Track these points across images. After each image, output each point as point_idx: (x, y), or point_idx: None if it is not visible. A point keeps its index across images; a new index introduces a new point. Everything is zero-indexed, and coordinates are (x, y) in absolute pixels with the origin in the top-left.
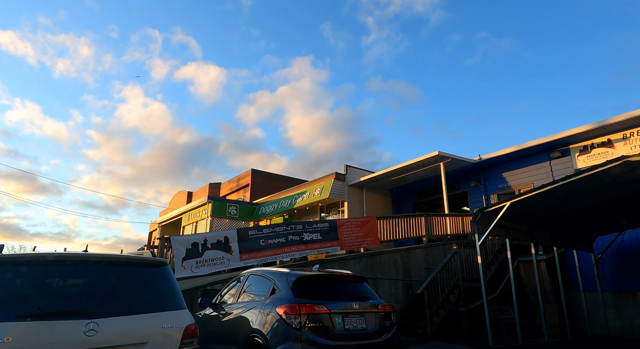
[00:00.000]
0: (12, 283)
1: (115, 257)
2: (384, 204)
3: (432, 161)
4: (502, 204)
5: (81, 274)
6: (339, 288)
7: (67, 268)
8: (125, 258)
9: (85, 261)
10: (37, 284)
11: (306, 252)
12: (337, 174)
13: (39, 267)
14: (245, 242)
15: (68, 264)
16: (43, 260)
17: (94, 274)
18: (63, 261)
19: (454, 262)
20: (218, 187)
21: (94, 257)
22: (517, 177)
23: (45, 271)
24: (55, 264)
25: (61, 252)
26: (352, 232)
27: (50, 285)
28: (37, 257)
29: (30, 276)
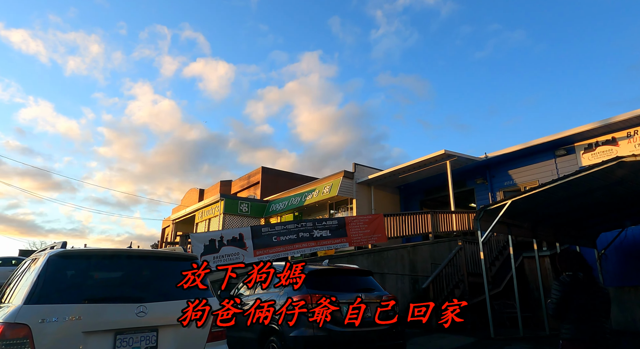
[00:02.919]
0: (80, 272)
1: (158, 252)
2: (391, 201)
3: (439, 159)
4: (503, 203)
5: (132, 266)
6: (347, 280)
7: (121, 261)
8: (165, 253)
9: (135, 256)
10: (101, 273)
11: (316, 248)
12: (345, 172)
13: (100, 260)
14: (258, 239)
15: (122, 258)
16: (103, 254)
17: (142, 266)
18: (118, 255)
19: (458, 258)
20: (229, 185)
21: (141, 252)
22: (522, 174)
23: (105, 263)
24: (112, 258)
25: (116, 248)
26: (360, 229)
27: (109, 275)
28: (99, 252)
29: (93, 267)
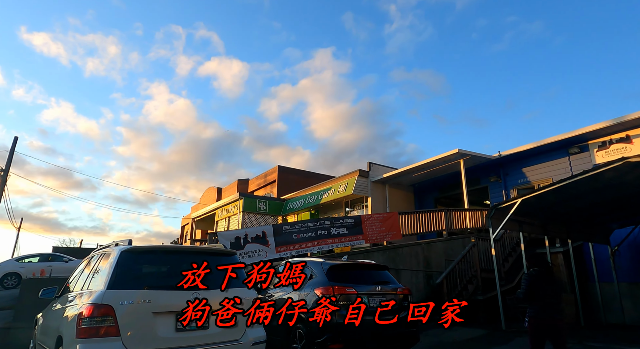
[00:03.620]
0: (145, 264)
1: (205, 248)
2: (406, 199)
3: (452, 158)
4: (514, 201)
5: (185, 259)
6: (365, 274)
7: (176, 255)
8: (212, 249)
9: (187, 251)
10: (162, 265)
11: (334, 245)
12: (360, 171)
13: (160, 254)
14: (280, 237)
15: (177, 252)
16: (162, 250)
17: (195, 260)
18: (174, 250)
19: (472, 254)
20: (246, 183)
21: (192, 248)
22: (536, 172)
23: (164, 257)
24: (169, 253)
25: (172, 245)
26: (376, 226)
27: (170, 266)
28: (159, 248)
29: (155, 260)
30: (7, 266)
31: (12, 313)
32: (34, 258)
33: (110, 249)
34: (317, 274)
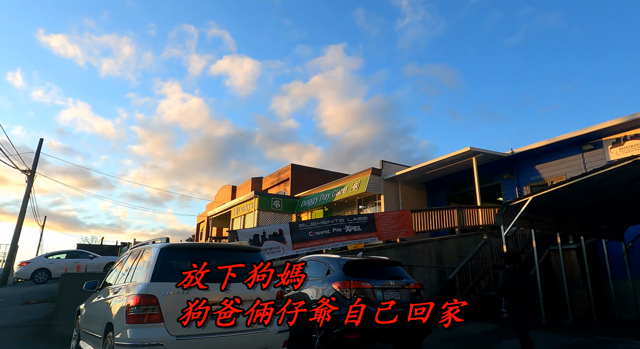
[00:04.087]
0: (182, 259)
1: (233, 246)
2: (418, 196)
3: (465, 156)
4: (524, 199)
5: (217, 255)
6: (379, 269)
7: (209, 252)
8: (238, 246)
9: (218, 248)
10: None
11: (348, 242)
12: (373, 170)
13: (194, 251)
14: (296, 234)
15: (209, 249)
16: (196, 247)
17: (228, 256)
18: (206, 247)
19: (484, 251)
20: (260, 182)
21: (222, 246)
22: (549, 169)
23: (198, 253)
24: (203, 250)
25: (205, 243)
26: (389, 224)
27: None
28: (193, 245)
29: (190, 256)
30: (37, 263)
31: (49, 305)
32: (62, 255)
33: (150, 246)
34: (334, 269)
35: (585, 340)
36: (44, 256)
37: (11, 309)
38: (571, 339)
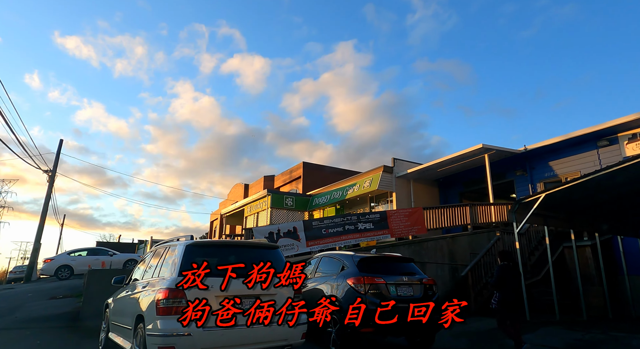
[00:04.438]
0: (205, 256)
1: (253, 242)
2: (430, 193)
3: (477, 153)
4: (537, 196)
5: (238, 252)
6: (392, 265)
7: (231, 249)
8: (258, 243)
9: (239, 245)
10: (219, 256)
11: (360, 239)
12: (385, 167)
13: (217, 247)
14: (310, 232)
15: (231, 246)
16: (219, 244)
17: (244, 252)
18: (229, 244)
19: (497, 247)
20: (272, 180)
21: (243, 242)
22: (564, 165)
23: (221, 250)
24: (226, 246)
25: (227, 240)
26: (401, 221)
27: (224, 257)
28: (216, 242)
29: (213, 252)
30: (60, 259)
31: (74, 300)
32: (83, 252)
33: (176, 244)
34: (348, 266)
35: (598, 336)
36: (66, 253)
37: (40, 303)
38: (584, 335)
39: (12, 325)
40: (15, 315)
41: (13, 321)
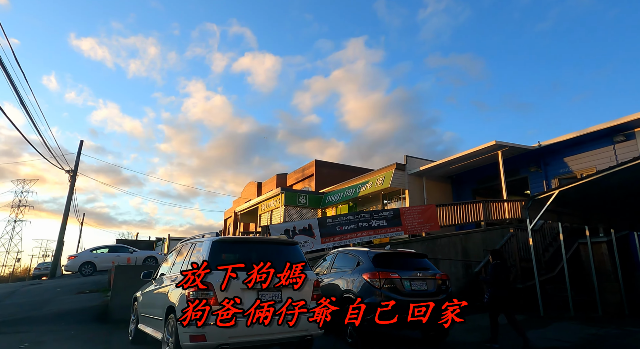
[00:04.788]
0: (230, 251)
1: (273, 239)
2: (443, 190)
3: (490, 150)
4: (550, 193)
5: (260, 248)
6: (406, 261)
7: (253, 245)
8: (278, 240)
9: (261, 241)
10: (242, 252)
11: (374, 236)
12: (397, 165)
13: (240, 243)
14: (324, 229)
15: (253, 242)
16: (242, 240)
17: (265, 248)
18: (251, 241)
19: (510, 244)
20: (284, 178)
21: (263, 239)
22: (579, 161)
23: (244, 246)
24: (248, 242)
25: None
26: (414, 218)
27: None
28: (239, 239)
29: (237, 248)
30: (84, 256)
31: (100, 294)
32: (104, 249)
33: (202, 240)
34: (364, 261)
35: (613, 331)
36: (89, 251)
37: (70, 298)
38: (599, 330)
39: (48, 317)
40: (49, 308)
41: (48, 313)
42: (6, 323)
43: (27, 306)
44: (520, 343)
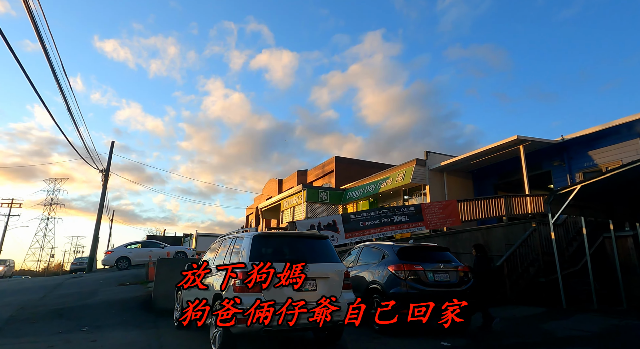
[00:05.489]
0: (269, 244)
1: (306, 233)
2: (464, 186)
3: (511, 145)
4: (572, 187)
5: (295, 242)
6: (430, 254)
7: (289, 239)
8: (310, 234)
9: (298, 236)
10: (283, 246)
11: (396, 231)
12: (418, 160)
13: (277, 237)
14: (348, 224)
15: (288, 237)
16: (278, 234)
17: (300, 242)
18: (286, 235)
19: (533, 238)
20: (305, 174)
21: (298, 233)
22: (604, 155)
23: (280, 239)
24: (284, 237)
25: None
26: (436, 213)
27: (287, 247)
28: (276, 233)
29: (274, 242)
30: (119, 251)
31: (140, 286)
32: (137, 244)
33: (242, 235)
34: (389, 254)
35: (635, 322)
36: (123, 246)
37: (112, 289)
38: (621, 321)
39: (99, 305)
40: (98, 297)
41: (99, 302)
42: (66, 310)
43: (77, 296)
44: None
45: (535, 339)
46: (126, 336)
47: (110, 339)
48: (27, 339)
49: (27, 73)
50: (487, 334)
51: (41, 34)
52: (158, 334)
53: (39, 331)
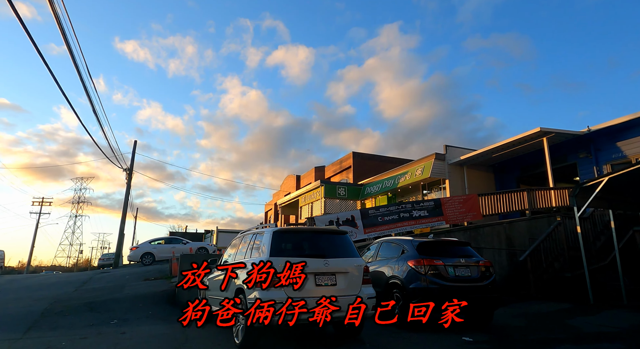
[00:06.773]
0: (289, 240)
1: (326, 229)
2: (485, 179)
3: (534, 137)
4: (599, 180)
5: (315, 237)
6: (450, 249)
7: (309, 234)
8: (330, 230)
9: (318, 231)
10: (302, 241)
11: (415, 226)
12: (437, 155)
13: (297, 233)
14: (367, 220)
15: (308, 232)
16: (298, 230)
17: (320, 237)
18: (306, 231)
19: (557, 232)
20: (322, 170)
21: (318, 229)
22: (634, 145)
23: (300, 235)
24: (304, 233)
25: (304, 227)
26: (456, 208)
27: (307, 242)
28: (295, 229)
29: (295, 237)
30: (144, 247)
31: (165, 281)
32: (161, 241)
33: (262, 231)
34: (408, 249)
35: None
36: (148, 242)
37: (139, 284)
38: None
39: (127, 299)
40: (126, 291)
41: (126, 296)
42: (96, 303)
43: (106, 290)
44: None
45: (561, 334)
46: (153, 329)
47: (138, 332)
48: (61, 331)
49: (55, 75)
50: (511, 330)
51: (67, 37)
52: (183, 327)
53: (72, 323)
